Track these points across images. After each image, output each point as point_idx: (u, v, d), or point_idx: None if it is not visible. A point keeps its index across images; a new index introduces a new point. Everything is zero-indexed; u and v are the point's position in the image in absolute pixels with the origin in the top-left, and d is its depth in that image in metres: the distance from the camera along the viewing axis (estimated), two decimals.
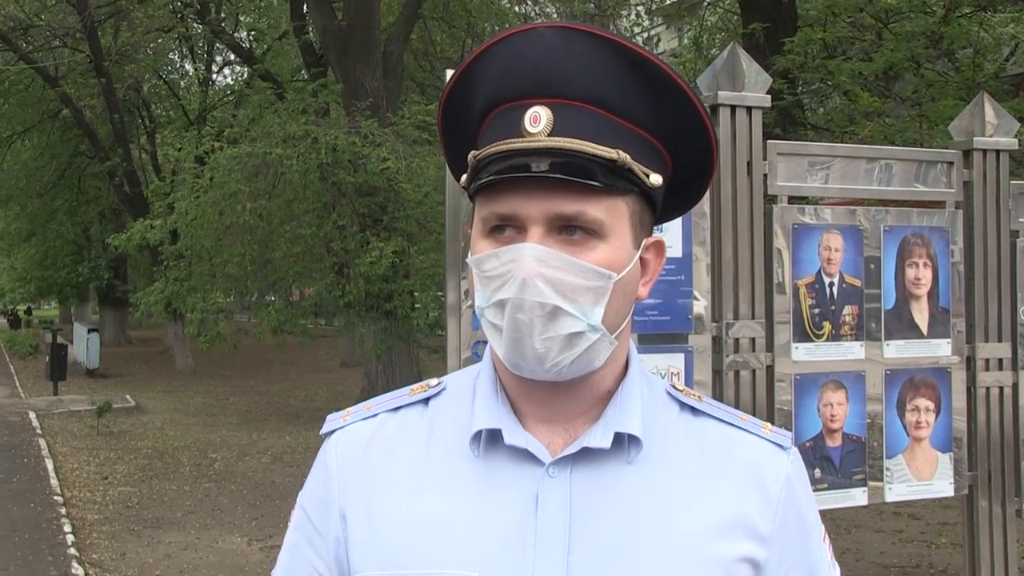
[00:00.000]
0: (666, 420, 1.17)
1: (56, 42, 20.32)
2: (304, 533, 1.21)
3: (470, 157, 1.13)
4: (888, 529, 7.93)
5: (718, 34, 16.94)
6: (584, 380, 1.12)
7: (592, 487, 1.10)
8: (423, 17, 17.32)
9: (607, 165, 1.06)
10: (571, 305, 1.05)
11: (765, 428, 1.20)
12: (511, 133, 1.08)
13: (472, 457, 1.13)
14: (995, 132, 3.88)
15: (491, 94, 1.11)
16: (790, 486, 1.16)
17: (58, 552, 7.46)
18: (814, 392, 3.50)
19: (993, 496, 3.80)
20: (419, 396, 1.22)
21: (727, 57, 3.44)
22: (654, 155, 1.12)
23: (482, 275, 1.09)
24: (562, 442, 1.12)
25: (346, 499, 1.16)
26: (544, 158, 1.05)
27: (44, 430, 13.50)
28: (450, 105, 1.19)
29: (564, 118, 1.06)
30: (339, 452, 1.20)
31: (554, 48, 1.07)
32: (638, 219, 1.12)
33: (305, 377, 20.91)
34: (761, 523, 1.13)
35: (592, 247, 1.07)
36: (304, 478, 1.25)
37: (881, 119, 9.52)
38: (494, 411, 1.13)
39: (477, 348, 3.03)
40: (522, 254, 1.05)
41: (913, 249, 3.69)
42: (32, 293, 35.39)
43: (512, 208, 1.06)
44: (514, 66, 1.08)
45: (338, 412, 1.25)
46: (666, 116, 1.11)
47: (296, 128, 12.42)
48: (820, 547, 1.20)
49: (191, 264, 13.75)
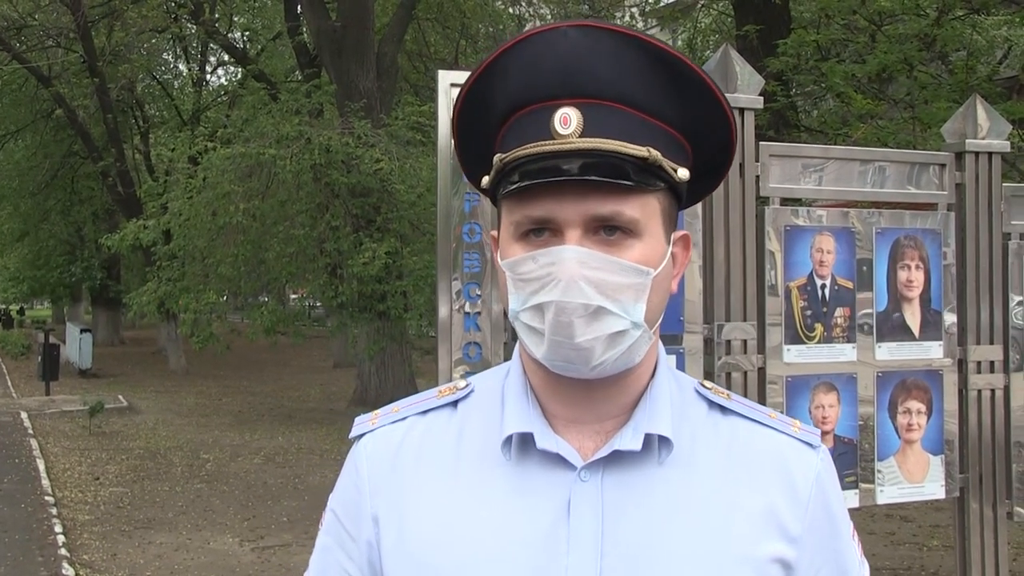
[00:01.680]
0: (695, 419, 1.16)
1: (49, 42, 20.26)
2: (335, 536, 1.20)
3: (496, 160, 1.12)
4: (880, 531, 7.94)
5: (712, 36, 16.95)
6: (618, 380, 1.12)
7: (623, 490, 1.10)
8: (417, 18, 17.32)
9: (638, 163, 1.06)
10: (614, 304, 1.05)
11: (794, 426, 1.20)
12: (541, 135, 1.07)
13: (503, 462, 1.12)
14: (987, 134, 3.88)
15: (515, 95, 1.10)
16: (820, 485, 1.16)
17: (49, 552, 7.42)
18: (806, 394, 3.50)
19: (984, 498, 3.80)
20: (447, 399, 1.21)
21: (720, 58, 3.44)
22: (680, 150, 1.13)
23: (517, 278, 1.08)
24: (592, 444, 1.12)
25: (378, 503, 1.16)
26: (576, 159, 1.04)
27: (36, 430, 13.46)
28: (468, 105, 1.17)
29: (594, 118, 1.06)
30: (369, 456, 1.19)
31: (580, 47, 1.06)
32: (668, 214, 1.12)
33: (298, 378, 20.88)
34: (791, 523, 1.12)
35: (629, 246, 1.07)
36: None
37: (874, 121, 9.53)
38: (525, 414, 1.13)
39: (468, 350, 3.03)
40: (563, 256, 1.04)
41: (905, 251, 3.69)
42: (25, 293, 35.31)
43: (547, 211, 1.06)
44: (539, 66, 1.07)
45: (366, 415, 1.24)
46: (691, 111, 1.11)
47: (290, 129, 12.42)
48: (849, 545, 1.19)
49: (184, 264, 13.73)
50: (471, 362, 3.00)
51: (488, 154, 1.15)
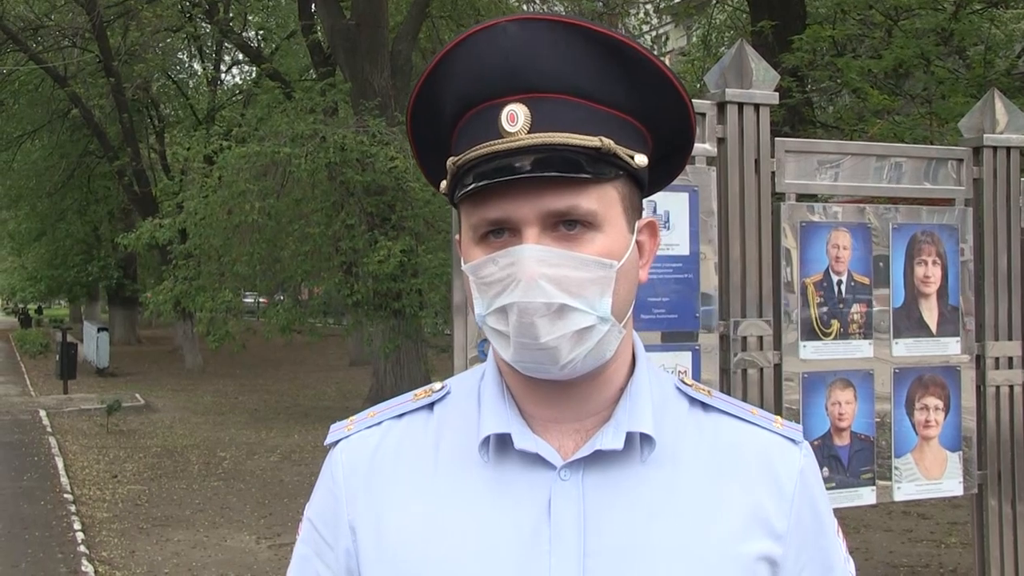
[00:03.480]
0: (676, 417, 1.15)
1: (65, 42, 20.38)
2: (313, 545, 1.19)
3: (449, 163, 1.11)
4: (897, 528, 7.90)
5: (727, 32, 16.91)
6: (594, 378, 1.10)
7: (605, 489, 1.09)
8: (431, 16, 17.34)
9: (591, 154, 1.04)
10: (578, 300, 1.04)
11: (776, 422, 1.19)
12: (489, 135, 1.05)
13: (481, 464, 1.11)
14: (1006, 129, 3.85)
15: (462, 96, 1.08)
16: (804, 481, 1.15)
17: (68, 550, 7.48)
18: (822, 391, 3.48)
19: (1003, 495, 3.78)
20: (423, 401, 1.20)
21: (735, 54, 3.43)
22: (635, 135, 1.10)
23: (480, 282, 1.08)
24: (573, 444, 1.11)
25: (355, 510, 1.15)
26: (527, 156, 1.03)
27: (54, 428, 13.54)
28: (418, 112, 1.15)
29: (541, 113, 1.04)
30: (345, 463, 1.18)
31: (521, 42, 1.05)
32: (629, 203, 1.10)
33: (314, 376, 20.93)
34: (776, 520, 1.12)
35: (590, 239, 1.05)
36: (313, 476, 1.25)
37: (891, 117, 9.48)
38: (502, 415, 1.12)
39: (483, 347, 3.03)
40: (521, 256, 1.03)
41: (922, 247, 3.67)
42: (42, 292, 35.50)
43: (503, 212, 1.04)
44: (482, 65, 1.06)
45: (342, 421, 1.23)
46: (642, 95, 1.09)
47: (304, 127, 12.44)
48: (835, 541, 1.18)
49: (200, 263, 13.78)
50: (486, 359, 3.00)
51: (445, 158, 1.13)
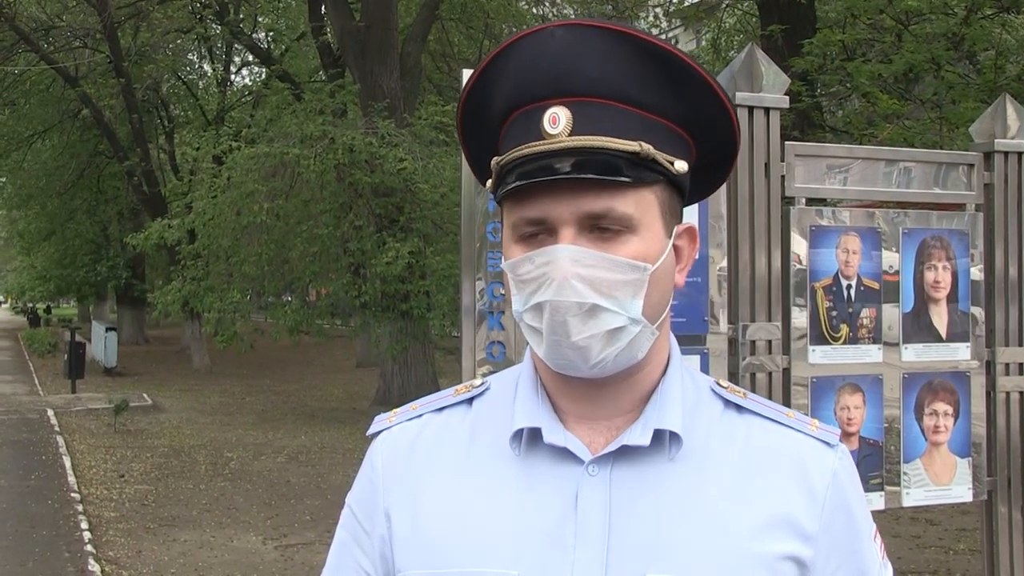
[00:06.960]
0: (709, 417, 1.16)
1: (76, 43, 20.46)
2: (351, 531, 1.23)
3: (493, 163, 1.14)
4: (905, 535, 7.87)
5: (736, 36, 16.88)
6: (626, 377, 1.12)
7: (632, 485, 1.10)
8: (441, 18, 17.36)
9: (630, 158, 1.06)
10: (609, 301, 1.06)
11: (812, 425, 1.19)
12: (532, 136, 1.08)
13: (513, 456, 1.14)
14: (1017, 134, 3.84)
15: (508, 98, 1.11)
16: (837, 483, 1.15)
17: (75, 549, 7.50)
18: (831, 395, 3.47)
19: (1013, 502, 3.76)
20: (463, 396, 1.23)
21: (745, 58, 3.42)
22: (678, 142, 1.12)
23: (517, 280, 1.10)
24: (603, 440, 1.12)
25: (391, 498, 1.18)
26: (567, 158, 1.05)
27: (62, 427, 13.58)
28: (468, 111, 1.19)
29: (583, 116, 1.07)
30: (385, 452, 1.22)
31: (567, 47, 1.08)
32: (667, 208, 1.12)
33: (321, 377, 20.96)
34: (807, 521, 1.12)
35: (624, 241, 1.07)
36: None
37: (901, 121, 9.45)
38: (534, 410, 1.14)
39: (492, 349, 3.02)
40: (556, 256, 1.06)
41: (932, 252, 3.66)
42: (51, 291, 35.67)
43: (541, 211, 1.07)
44: (528, 68, 1.09)
45: (385, 413, 1.27)
46: (686, 103, 1.11)
47: (313, 128, 12.47)
48: (870, 546, 1.18)
49: (208, 263, 13.82)
50: (494, 361, 3.00)
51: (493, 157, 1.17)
